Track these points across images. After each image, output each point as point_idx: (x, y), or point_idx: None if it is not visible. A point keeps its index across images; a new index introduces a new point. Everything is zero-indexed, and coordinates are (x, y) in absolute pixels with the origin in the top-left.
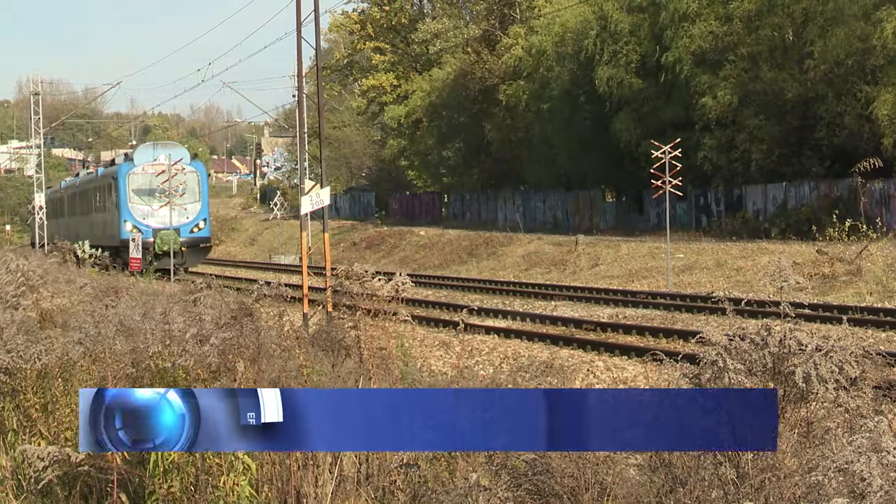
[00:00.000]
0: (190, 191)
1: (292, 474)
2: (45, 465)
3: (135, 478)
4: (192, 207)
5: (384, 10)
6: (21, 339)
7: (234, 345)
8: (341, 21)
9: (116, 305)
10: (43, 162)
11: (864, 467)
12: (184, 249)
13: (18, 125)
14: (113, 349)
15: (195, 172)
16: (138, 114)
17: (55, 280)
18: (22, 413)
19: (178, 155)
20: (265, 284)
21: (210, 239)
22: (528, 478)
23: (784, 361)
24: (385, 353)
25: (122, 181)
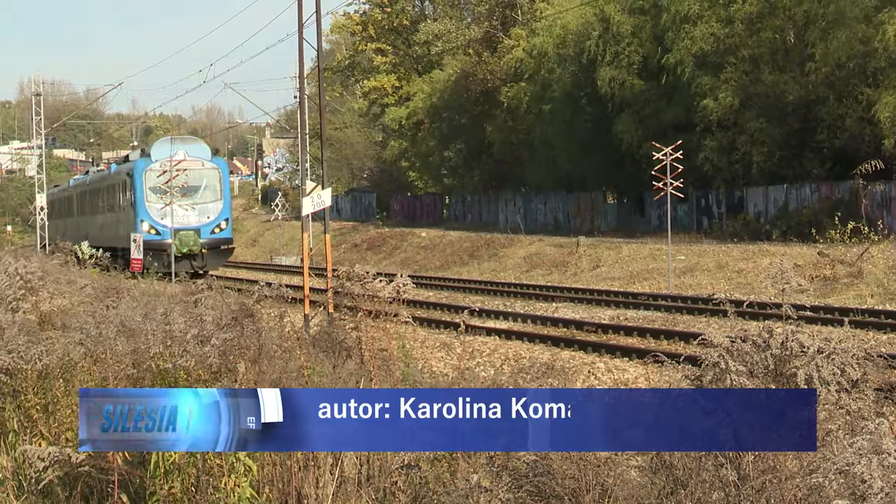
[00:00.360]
0: (211, 189)
1: (293, 475)
2: (45, 466)
3: (135, 478)
4: (214, 206)
5: (385, 12)
6: (22, 339)
7: (235, 346)
8: (343, 22)
9: (117, 306)
10: (44, 163)
11: (865, 469)
12: (204, 251)
13: (20, 126)
14: (114, 350)
15: (216, 169)
16: (140, 115)
17: (56, 281)
18: (23, 414)
19: (197, 150)
20: (266, 285)
21: (232, 240)
22: (529, 479)
23: (786, 363)
24: (386, 354)
25: (138, 178)
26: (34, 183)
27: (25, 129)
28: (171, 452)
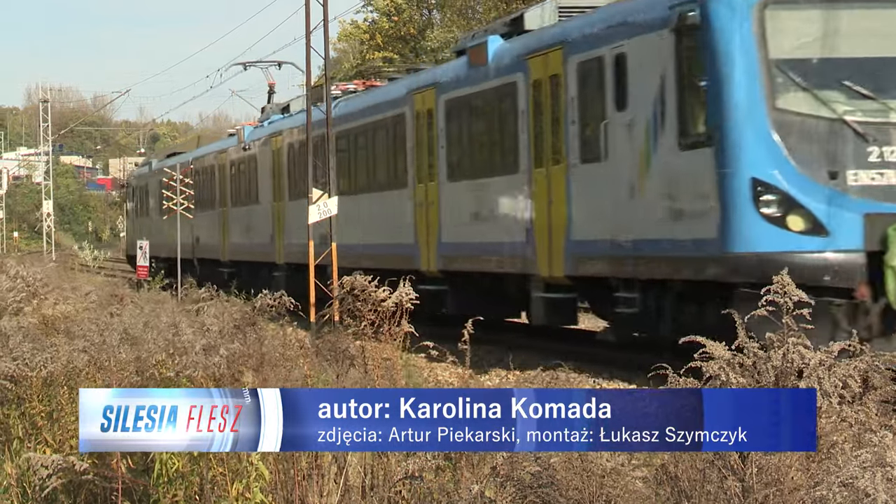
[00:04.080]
0: None
1: (297, 483)
2: (49, 474)
3: (139, 486)
4: None
5: (393, 20)
6: (27, 346)
7: (239, 354)
8: (350, 31)
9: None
10: (51, 169)
11: (869, 482)
12: None
13: (27, 132)
14: (118, 358)
15: None
16: (147, 121)
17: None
18: (28, 421)
19: None
20: (268, 294)
21: None
22: (532, 490)
23: (787, 376)
24: (390, 363)
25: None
26: (41, 189)
27: (33, 136)
28: (175, 459)
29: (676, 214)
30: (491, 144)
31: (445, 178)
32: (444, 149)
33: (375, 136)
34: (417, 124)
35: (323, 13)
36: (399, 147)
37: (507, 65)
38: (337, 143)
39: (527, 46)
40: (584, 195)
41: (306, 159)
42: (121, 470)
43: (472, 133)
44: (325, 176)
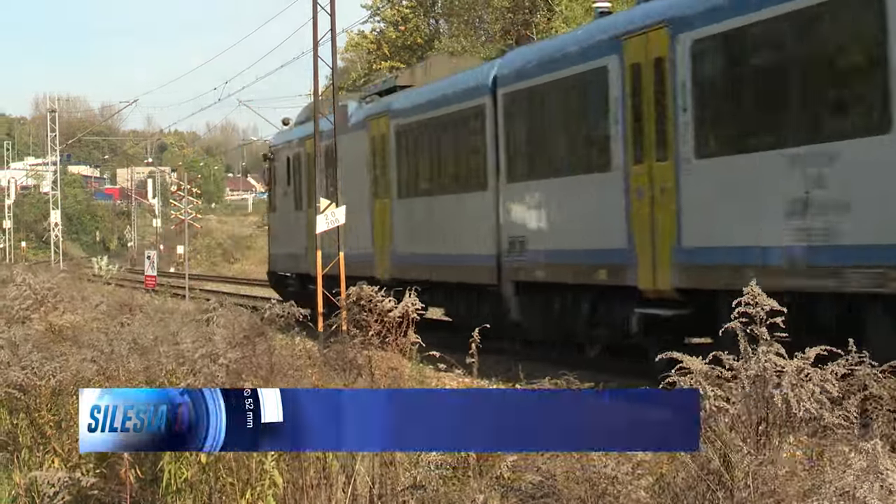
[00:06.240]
0: None
1: (305, 493)
2: (55, 492)
3: (148, 496)
4: None
5: (400, 30)
6: (36, 355)
7: (248, 364)
8: (357, 41)
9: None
10: (59, 179)
11: (863, 491)
12: None
13: (35, 142)
14: (126, 367)
15: None
16: (154, 131)
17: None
18: (36, 430)
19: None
20: (278, 303)
21: None
22: (535, 500)
23: (764, 385)
24: (397, 373)
25: None
26: (49, 199)
27: (40, 146)
28: (184, 469)
29: None
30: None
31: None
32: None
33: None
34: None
35: (331, 23)
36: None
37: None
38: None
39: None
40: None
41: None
42: (129, 481)
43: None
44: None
